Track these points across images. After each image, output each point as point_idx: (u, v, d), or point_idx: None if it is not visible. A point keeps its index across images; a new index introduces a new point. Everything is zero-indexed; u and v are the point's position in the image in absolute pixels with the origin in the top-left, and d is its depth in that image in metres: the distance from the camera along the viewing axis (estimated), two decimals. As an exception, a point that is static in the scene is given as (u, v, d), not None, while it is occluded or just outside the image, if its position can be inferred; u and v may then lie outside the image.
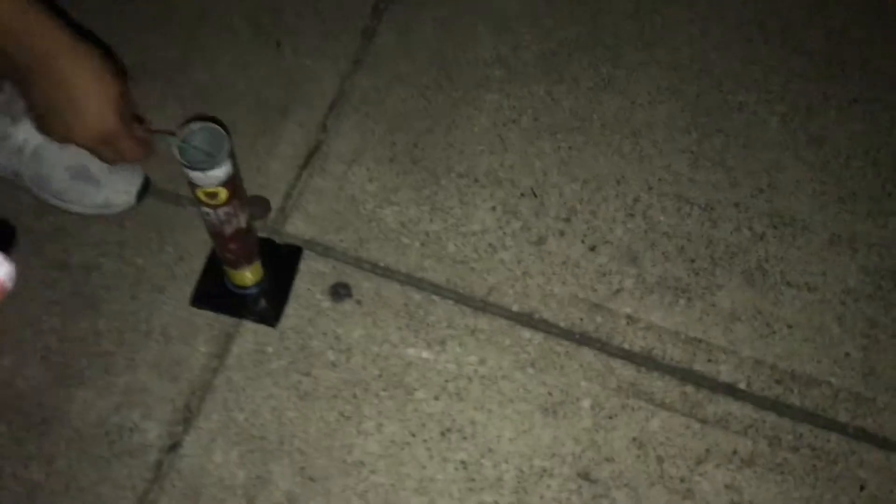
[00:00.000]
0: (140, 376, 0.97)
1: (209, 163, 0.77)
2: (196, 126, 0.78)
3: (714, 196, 1.13)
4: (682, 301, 1.06)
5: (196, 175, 0.77)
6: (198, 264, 1.03)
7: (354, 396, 0.97)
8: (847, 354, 1.03)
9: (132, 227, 1.06)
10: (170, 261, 1.04)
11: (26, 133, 1.00)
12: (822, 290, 1.07)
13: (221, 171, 0.78)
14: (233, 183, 0.80)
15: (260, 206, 1.07)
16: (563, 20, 1.27)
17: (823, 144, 1.17)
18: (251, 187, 1.09)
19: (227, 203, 0.82)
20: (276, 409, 0.96)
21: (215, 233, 0.87)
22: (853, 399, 1.01)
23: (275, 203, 1.09)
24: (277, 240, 1.06)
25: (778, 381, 1.01)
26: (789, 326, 1.05)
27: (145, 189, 1.05)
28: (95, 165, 1.01)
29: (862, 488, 0.96)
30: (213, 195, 0.80)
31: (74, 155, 1.00)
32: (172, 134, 0.77)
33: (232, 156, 0.78)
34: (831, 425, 0.99)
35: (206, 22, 1.24)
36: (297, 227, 1.08)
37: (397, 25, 1.25)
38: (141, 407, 0.95)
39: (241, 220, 0.86)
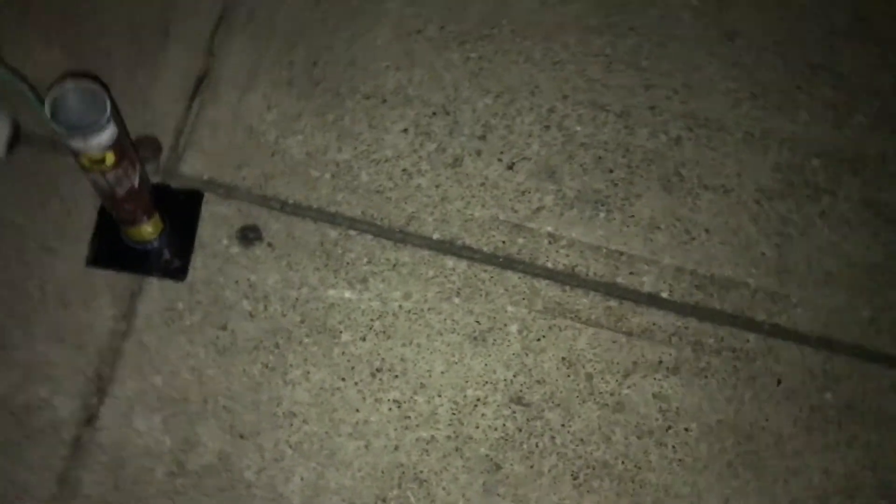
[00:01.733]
0: (40, 348, 0.89)
1: (89, 127, 0.68)
2: (69, 85, 0.68)
3: (629, 101, 1.09)
4: (601, 214, 1.04)
5: (77, 143, 0.68)
6: (89, 218, 0.94)
7: (277, 346, 0.93)
8: (763, 254, 1.05)
9: (6, 182, 0.94)
10: (57, 216, 0.94)
11: None
12: (738, 192, 1.07)
13: (105, 136, 0.69)
14: (119, 144, 0.72)
15: (149, 147, 0.98)
16: None
17: (735, 38, 1.15)
18: (136, 126, 0.99)
19: (115, 167, 0.73)
20: (195, 367, 0.91)
21: (106, 196, 0.79)
22: (769, 298, 1.03)
23: (165, 142, 0.99)
24: (173, 184, 0.97)
25: (698, 287, 1.03)
26: (707, 231, 1.05)
27: (15, 137, 0.94)
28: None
29: (779, 382, 1.00)
30: (99, 161, 0.71)
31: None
32: (33, 88, 0.66)
33: (116, 115, 0.69)
34: (749, 325, 1.02)
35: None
36: (193, 168, 0.99)
37: (280, -76, 1.13)
38: (47, 381, 0.88)
39: (134, 180, 0.78)
